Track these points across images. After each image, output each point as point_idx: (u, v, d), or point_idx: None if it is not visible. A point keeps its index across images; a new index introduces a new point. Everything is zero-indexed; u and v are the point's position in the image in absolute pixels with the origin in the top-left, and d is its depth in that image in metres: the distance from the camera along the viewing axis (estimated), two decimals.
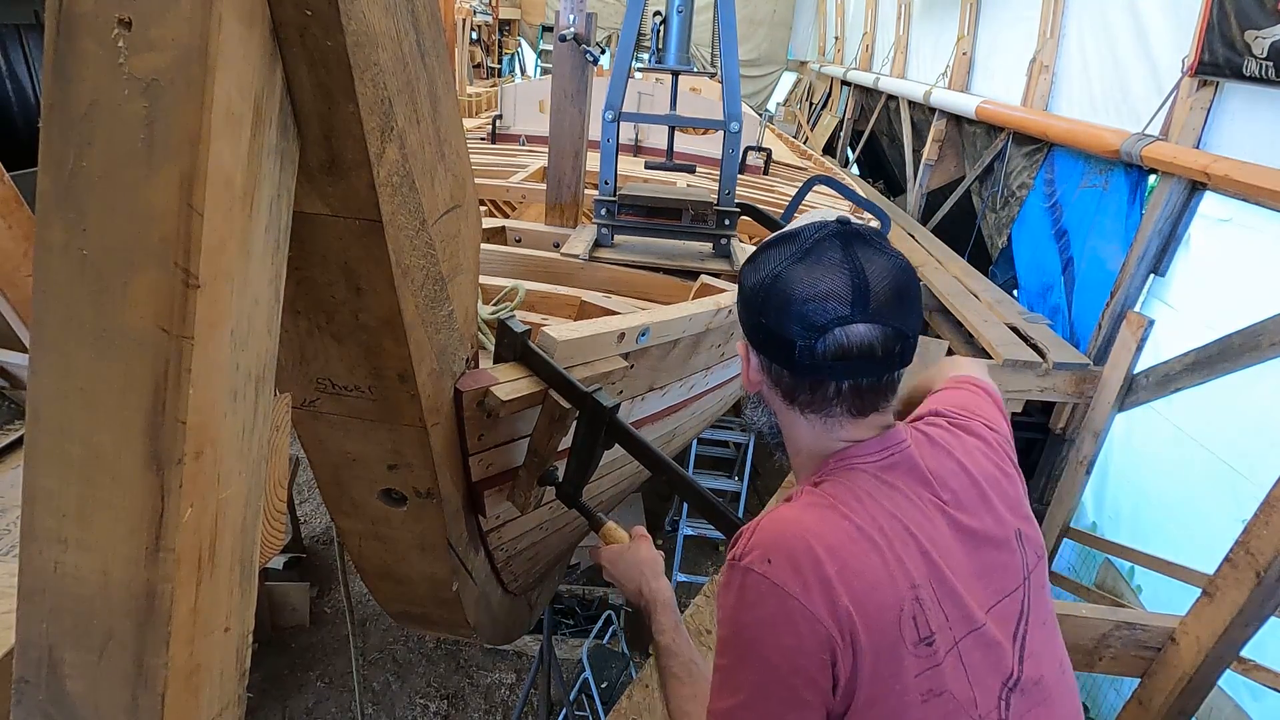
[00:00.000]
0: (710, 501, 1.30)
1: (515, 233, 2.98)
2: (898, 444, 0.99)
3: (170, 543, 0.67)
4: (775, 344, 0.94)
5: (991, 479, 1.03)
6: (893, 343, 0.92)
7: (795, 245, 0.94)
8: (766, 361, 0.98)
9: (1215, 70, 3.71)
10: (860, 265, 0.92)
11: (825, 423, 0.98)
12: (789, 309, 0.91)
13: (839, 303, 0.90)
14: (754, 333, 0.98)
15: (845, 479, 0.96)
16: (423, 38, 0.83)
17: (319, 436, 1.19)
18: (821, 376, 0.93)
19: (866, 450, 0.97)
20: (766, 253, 0.98)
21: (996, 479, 1.04)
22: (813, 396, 0.96)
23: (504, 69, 13.04)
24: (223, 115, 0.62)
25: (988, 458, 1.06)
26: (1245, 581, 2.02)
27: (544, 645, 3.34)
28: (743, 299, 1.00)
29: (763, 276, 0.95)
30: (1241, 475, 3.37)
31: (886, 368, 0.94)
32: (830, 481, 0.97)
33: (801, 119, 12.41)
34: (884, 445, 0.98)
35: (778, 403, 1.01)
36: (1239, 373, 3.47)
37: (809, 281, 0.91)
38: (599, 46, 5.65)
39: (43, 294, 0.63)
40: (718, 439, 5.56)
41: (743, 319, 1.01)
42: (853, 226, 0.95)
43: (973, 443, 1.07)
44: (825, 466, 0.99)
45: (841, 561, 0.88)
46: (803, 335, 0.91)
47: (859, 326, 0.90)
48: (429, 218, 0.93)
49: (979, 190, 6.56)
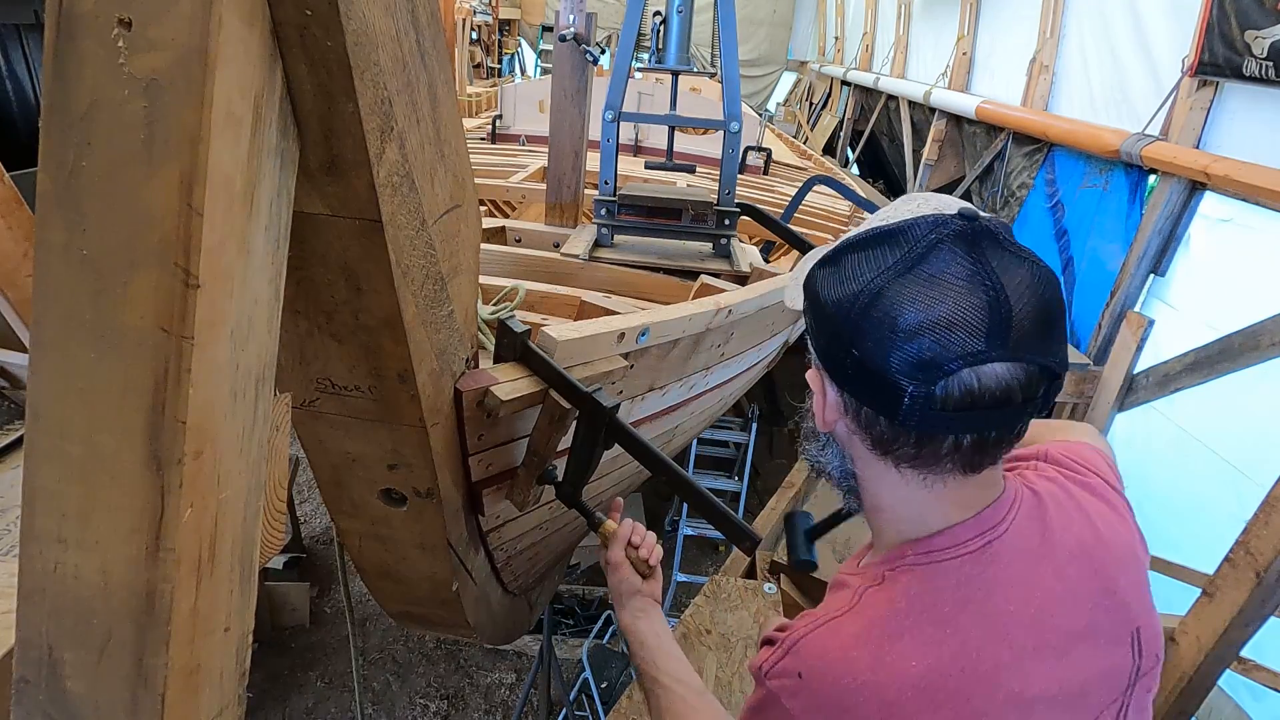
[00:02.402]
0: (710, 501, 1.30)
1: (515, 233, 2.98)
2: (997, 525, 0.78)
3: (170, 543, 0.67)
4: (871, 384, 0.70)
5: (1117, 560, 0.82)
6: (1037, 385, 0.70)
7: (901, 249, 0.69)
8: (853, 402, 0.75)
9: (1215, 70, 3.71)
10: (997, 279, 0.67)
11: (925, 480, 0.76)
12: (896, 342, 0.68)
13: (969, 334, 0.66)
14: (836, 364, 0.74)
15: (927, 579, 0.76)
16: (423, 38, 0.83)
17: (319, 436, 1.19)
18: (935, 430, 0.70)
19: (958, 539, 0.77)
20: (855, 256, 0.73)
21: (1122, 560, 0.83)
22: (919, 451, 0.73)
23: (504, 69, 13.04)
24: (223, 115, 0.62)
25: (1113, 529, 0.85)
26: (1245, 581, 2.02)
27: (544, 645, 3.34)
28: (820, 317, 0.75)
29: (853, 291, 0.71)
30: (1244, 475, 3.37)
31: (1023, 416, 0.71)
32: (906, 579, 0.77)
33: (801, 119, 12.41)
34: (980, 529, 0.77)
35: (861, 450, 0.78)
36: (1242, 373, 3.47)
37: (926, 303, 0.67)
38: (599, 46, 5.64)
39: (43, 294, 0.63)
40: (718, 439, 5.56)
41: (818, 343, 0.77)
42: (982, 223, 0.70)
43: (1095, 508, 0.85)
44: (904, 554, 0.79)
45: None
46: (916, 379, 0.67)
47: (995, 366, 0.67)
48: (429, 218, 0.93)
49: (979, 190, 6.56)
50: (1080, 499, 0.86)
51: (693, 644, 2.19)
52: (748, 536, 1.30)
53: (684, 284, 2.64)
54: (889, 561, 0.79)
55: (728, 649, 2.21)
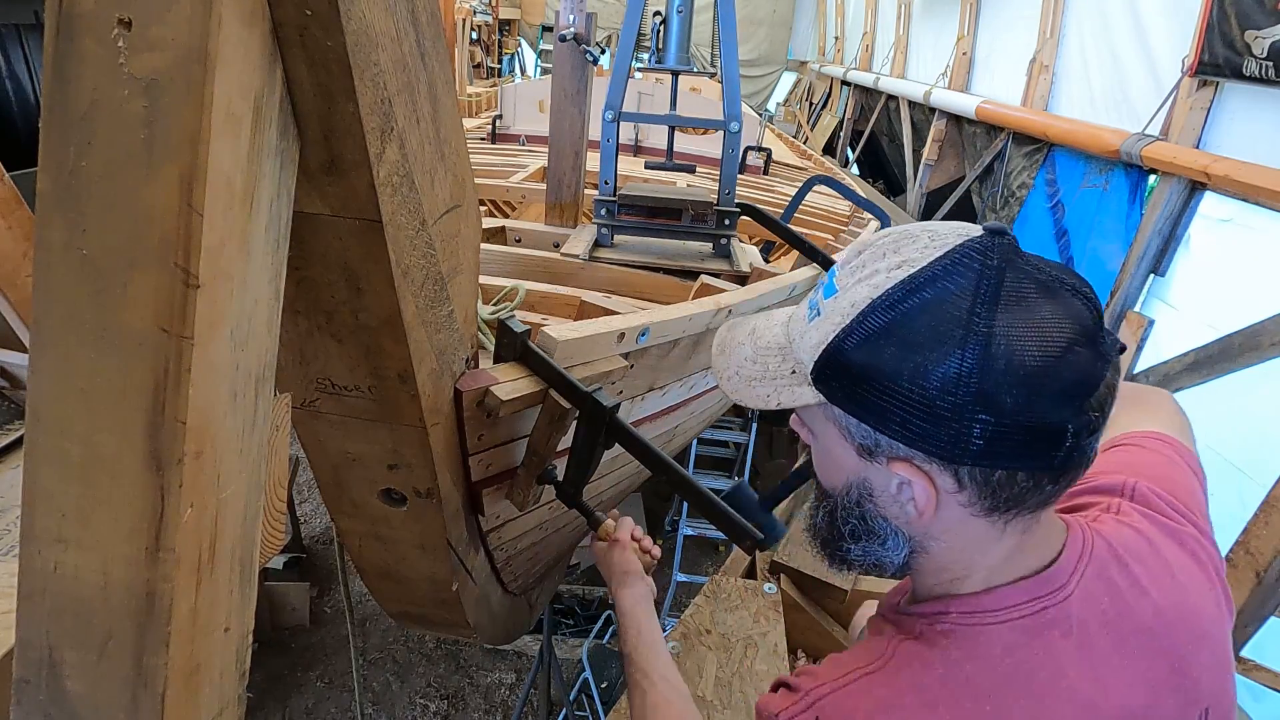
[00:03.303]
0: (711, 501, 1.30)
1: (515, 233, 2.98)
2: (1059, 589, 0.69)
3: (170, 543, 0.67)
4: (1017, 444, 0.61)
5: (1196, 634, 0.72)
6: (1118, 366, 0.64)
7: (970, 291, 0.61)
8: (978, 474, 0.64)
9: (1215, 70, 3.71)
10: (1065, 279, 0.62)
11: (1024, 525, 0.68)
12: (1039, 387, 0.59)
13: (1083, 344, 0.60)
14: (951, 445, 0.62)
15: (970, 645, 0.68)
16: (423, 38, 0.83)
17: (319, 436, 1.19)
18: (1086, 457, 0.64)
19: (1008, 600, 0.68)
20: (911, 320, 0.62)
21: (1202, 634, 0.72)
22: (1054, 487, 0.65)
23: (504, 69, 13.04)
24: (223, 115, 0.62)
25: (1200, 595, 0.75)
26: (1245, 581, 2.02)
27: (544, 645, 3.34)
28: (898, 400, 0.63)
29: (949, 356, 0.60)
30: (1246, 475, 3.37)
31: (1113, 400, 0.65)
32: (946, 642, 0.68)
33: (801, 119, 12.41)
34: (1038, 592, 0.69)
35: (959, 521, 0.68)
36: (1245, 373, 3.47)
37: (1041, 332, 0.59)
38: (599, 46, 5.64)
39: (43, 294, 0.63)
40: (718, 439, 5.56)
41: (904, 428, 0.64)
42: (1009, 231, 0.64)
43: (1183, 568, 0.75)
44: (947, 610, 0.70)
45: None
46: (1074, 413, 0.60)
47: (1109, 370, 0.62)
48: (429, 218, 0.93)
49: (979, 190, 6.56)
50: (1167, 555, 0.75)
51: (693, 644, 2.19)
52: (748, 536, 1.29)
53: (684, 284, 2.64)
54: (929, 616, 0.71)
55: (728, 649, 2.21)
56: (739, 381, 0.78)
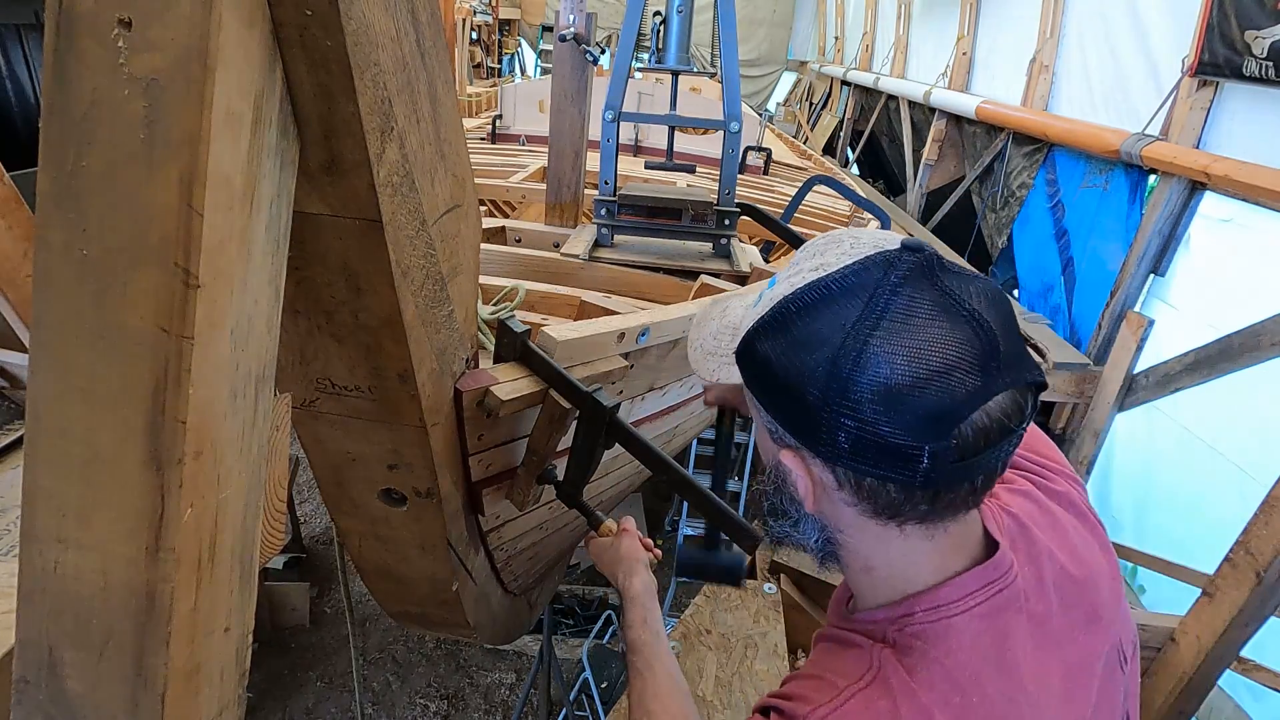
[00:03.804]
0: (711, 501, 1.30)
1: (515, 233, 2.98)
2: (1004, 572, 0.72)
3: (170, 543, 0.67)
4: (876, 454, 0.63)
5: (1094, 579, 0.79)
6: (1030, 402, 0.65)
7: (861, 300, 0.63)
8: (851, 475, 0.67)
9: (1215, 70, 3.71)
10: (968, 305, 0.62)
11: (929, 532, 0.70)
12: (897, 403, 0.61)
13: (967, 371, 0.61)
14: (822, 442, 0.66)
15: (942, 642, 0.70)
16: (423, 37, 0.83)
17: (319, 436, 1.19)
18: (955, 482, 0.65)
19: (965, 588, 0.71)
20: (807, 319, 0.65)
21: (1099, 577, 0.79)
22: (932, 507, 0.67)
23: (504, 69, 13.04)
24: (223, 115, 0.62)
25: (1085, 543, 0.81)
26: (1245, 581, 2.02)
27: (544, 645, 3.34)
28: (783, 395, 0.67)
29: (826, 359, 0.63)
30: (1249, 476, 3.37)
31: (1019, 438, 0.66)
32: (920, 645, 0.70)
33: (801, 119, 12.41)
34: (986, 577, 0.71)
35: (856, 518, 0.70)
36: (1247, 373, 3.48)
37: (914, 353, 0.61)
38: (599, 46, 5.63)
39: (43, 294, 0.63)
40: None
41: (788, 422, 0.68)
42: (927, 250, 0.66)
43: (1068, 521, 0.82)
44: (911, 610, 0.72)
45: None
46: (929, 437, 0.61)
47: (999, 397, 0.62)
48: (429, 218, 0.93)
49: (979, 190, 6.57)
50: (1055, 514, 0.81)
51: (693, 644, 2.19)
52: (748, 536, 1.29)
53: (684, 284, 2.64)
54: (894, 620, 0.72)
55: (728, 649, 2.21)
56: (699, 353, 0.84)
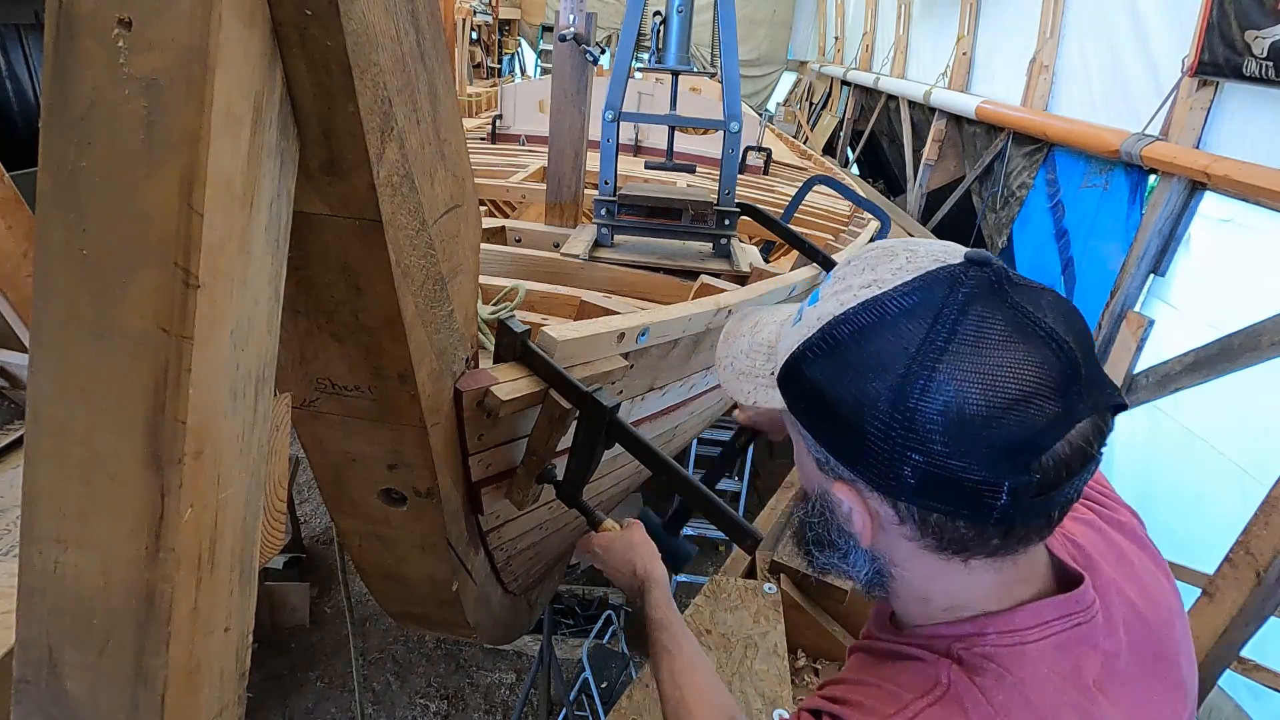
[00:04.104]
0: (711, 501, 1.30)
1: (515, 233, 2.98)
2: (1085, 606, 0.67)
3: (170, 543, 0.67)
4: (948, 490, 0.58)
5: (1164, 617, 0.73)
6: (1107, 423, 0.60)
7: (925, 322, 0.57)
8: (915, 512, 0.61)
9: (1215, 70, 3.71)
10: (1046, 324, 0.56)
11: (995, 564, 0.65)
12: (971, 436, 0.55)
13: (1048, 398, 0.55)
14: (885, 476, 0.60)
15: (1018, 667, 0.64)
16: (423, 37, 0.83)
17: (319, 436, 1.19)
18: (1034, 517, 0.60)
19: (1042, 615, 0.65)
20: (865, 343, 0.59)
21: (1170, 615, 0.74)
22: (1004, 542, 0.62)
23: (504, 69, 13.04)
24: (223, 115, 0.62)
25: (1154, 579, 0.75)
26: (1245, 581, 2.02)
27: (544, 645, 3.34)
28: (838, 424, 0.61)
29: (890, 388, 0.57)
30: (1250, 475, 3.37)
31: (1098, 464, 0.61)
32: (994, 668, 0.64)
33: (801, 119, 12.41)
34: (1066, 608, 0.66)
35: (917, 552, 0.65)
36: (1249, 372, 3.47)
37: (988, 379, 0.55)
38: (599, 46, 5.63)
39: (43, 294, 0.63)
40: (718, 439, 5.56)
41: (845, 453, 0.63)
42: (995, 264, 0.59)
43: (1135, 555, 0.76)
44: (983, 630, 0.66)
45: None
46: (1013, 471, 0.56)
47: (1082, 424, 0.57)
48: (429, 218, 0.93)
49: (979, 190, 6.57)
50: (1121, 547, 0.75)
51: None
52: (748, 535, 1.30)
53: (684, 284, 2.64)
54: (962, 638, 0.67)
55: (728, 649, 2.21)
56: (731, 373, 0.79)
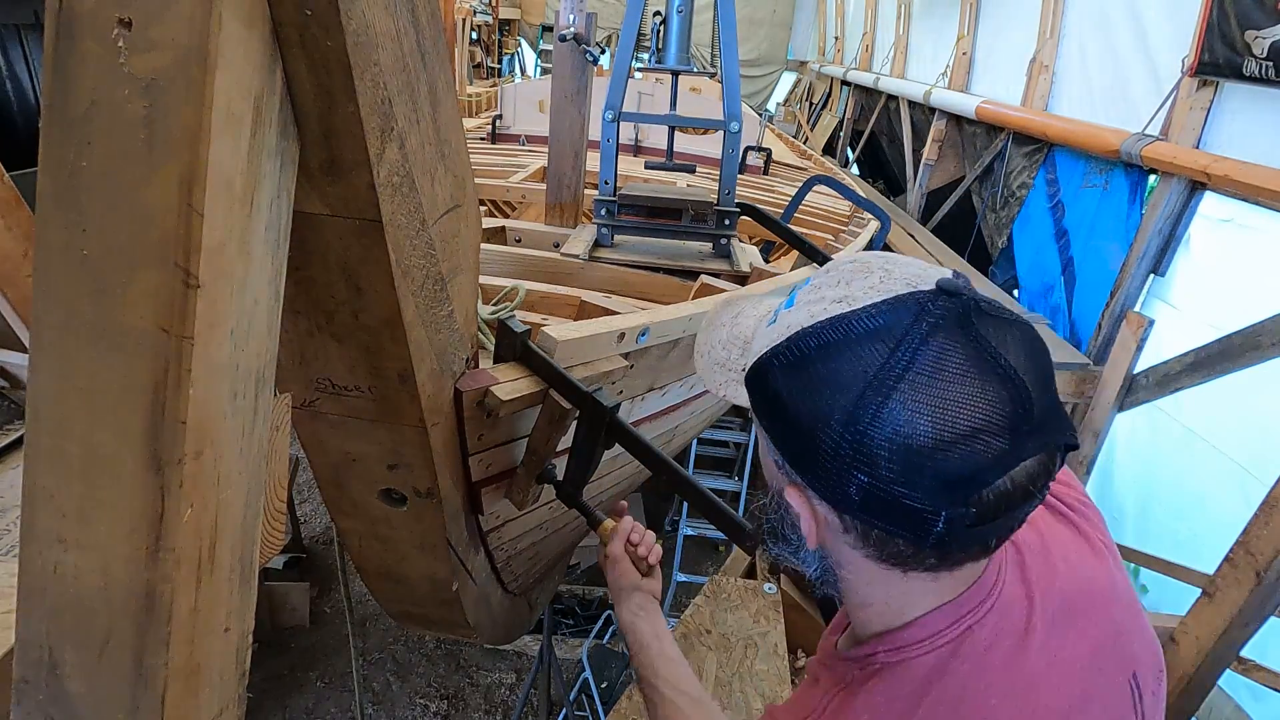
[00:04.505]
0: (710, 501, 1.30)
1: (515, 233, 2.98)
2: (979, 606, 0.68)
3: (170, 543, 0.67)
4: (889, 512, 0.60)
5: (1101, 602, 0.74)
6: (1055, 462, 0.61)
7: (886, 347, 0.58)
8: (858, 524, 0.63)
9: (1215, 70, 3.71)
10: (1005, 361, 0.57)
11: (935, 577, 0.67)
12: (915, 465, 0.57)
13: (996, 434, 0.56)
14: (832, 489, 0.62)
15: (896, 682, 0.68)
16: (423, 38, 0.83)
17: (319, 436, 1.19)
18: (969, 545, 0.62)
19: (933, 628, 0.67)
20: (829, 361, 0.60)
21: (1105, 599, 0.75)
22: (940, 561, 0.64)
23: (504, 69, 13.04)
24: (223, 115, 0.62)
25: (1086, 564, 0.76)
26: (1245, 581, 2.02)
27: (544, 645, 3.34)
28: (794, 432, 0.63)
29: (844, 408, 0.58)
30: (1252, 475, 3.36)
31: (1040, 500, 0.62)
32: (874, 683, 0.68)
33: (801, 119, 12.40)
34: (958, 614, 0.68)
35: (861, 561, 0.67)
36: (1250, 372, 3.46)
37: (940, 411, 0.56)
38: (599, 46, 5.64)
39: (43, 294, 0.63)
40: (718, 439, 5.56)
41: (796, 460, 0.64)
42: (965, 295, 0.60)
43: (1069, 542, 0.77)
44: (875, 651, 0.70)
45: None
46: (951, 503, 0.57)
47: (1027, 462, 0.58)
48: (429, 218, 0.93)
49: (979, 190, 6.56)
50: (1049, 536, 0.77)
51: (693, 644, 2.19)
52: (748, 536, 1.30)
53: (684, 284, 2.64)
54: (859, 660, 0.71)
55: (728, 649, 2.21)
56: (707, 361, 0.80)
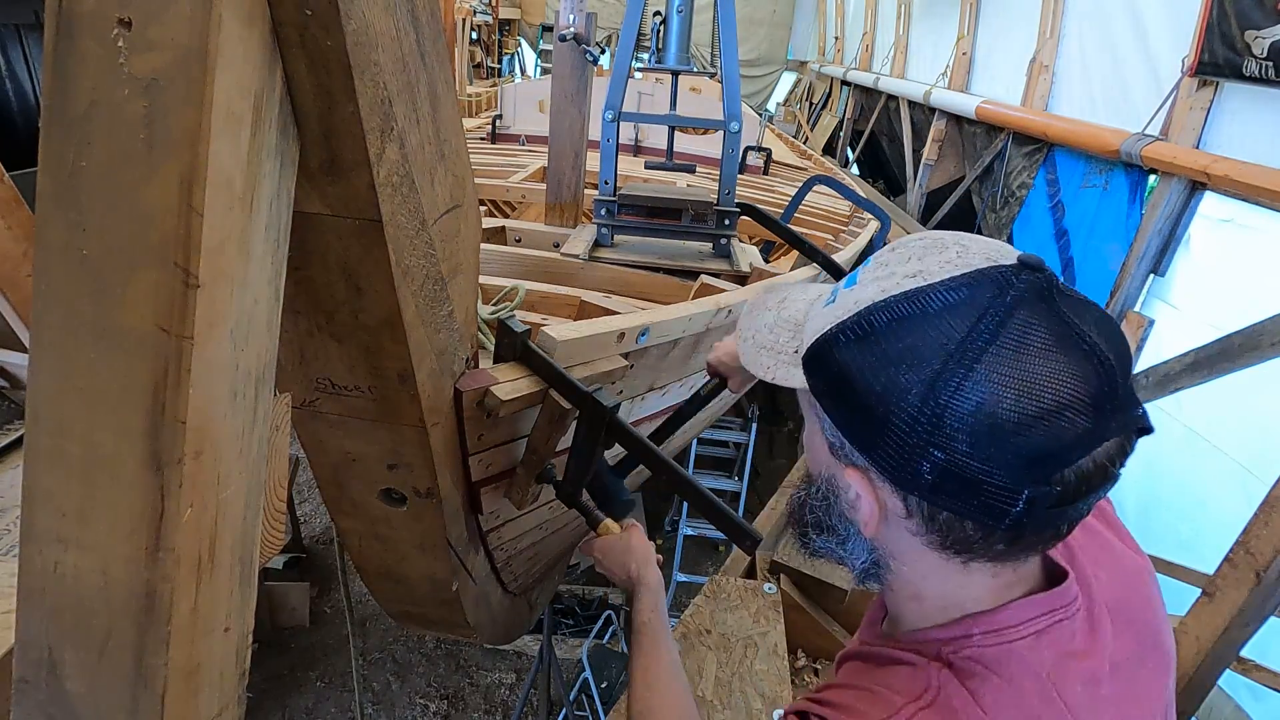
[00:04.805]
0: (711, 501, 1.30)
1: (515, 233, 2.98)
2: (1068, 602, 0.67)
3: (170, 543, 0.67)
4: (964, 490, 0.57)
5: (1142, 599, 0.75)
6: (1131, 443, 0.59)
7: (967, 320, 0.56)
8: (925, 507, 0.61)
9: (1215, 70, 3.71)
10: (1091, 338, 0.55)
11: (994, 569, 0.65)
12: (998, 441, 0.55)
13: (1081, 412, 0.54)
14: (902, 469, 0.59)
15: (1004, 665, 0.65)
16: (423, 37, 0.83)
17: (319, 436, 1.19)
18: (1046, 528, 0.60)
19: (1026, 613, 0.66)
20: (903, 333, 0.58)
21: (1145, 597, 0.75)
22: (1009, 547, 0.62)
23: (504, 69, 13.04)
24: (223, 115, 0.62)
25: (1131, 561, 0.77)
26: (1245, 581, 2.02)
27: (544, 645, 3.34)
28: (862, 410, 0.60)
29: (923, 381, 0.56)
30: (1254, 475, 3.36)
31: (1115, 482, 0.60)
32: (982, 670, 0.65)
33: (801, 119, 12.40)
34: (1049, 604, 0.66)
35: (914, 548, 0.65)
36: (1253, 372, 3.46)
37: (1025, 386, 0.54)
38: (599, 46, 5.64)
39: (43, 294, 0.63)
40: (718, 439, 5.56)
41: (861, 439, 0.62)
42: (1048, 271, 0.58)
43: (1109, 539, 0.78)
44: (969, 631, 0.67)
45: None
46: (1033, 480, 0.56)
47: (1109, 442, 0.57)
48: (429, 218, 0.93)
49: (979, 190, 6.57)
50: (1097, 533, 0.77)
51: (693, 644, 2.19)
52: (748, 536, 1.30)
53: (684, 284, 2.64)
54: (949, 641, 0.67)
55: (728, 649, 2.21)
56: (752, 345, 0.77)
